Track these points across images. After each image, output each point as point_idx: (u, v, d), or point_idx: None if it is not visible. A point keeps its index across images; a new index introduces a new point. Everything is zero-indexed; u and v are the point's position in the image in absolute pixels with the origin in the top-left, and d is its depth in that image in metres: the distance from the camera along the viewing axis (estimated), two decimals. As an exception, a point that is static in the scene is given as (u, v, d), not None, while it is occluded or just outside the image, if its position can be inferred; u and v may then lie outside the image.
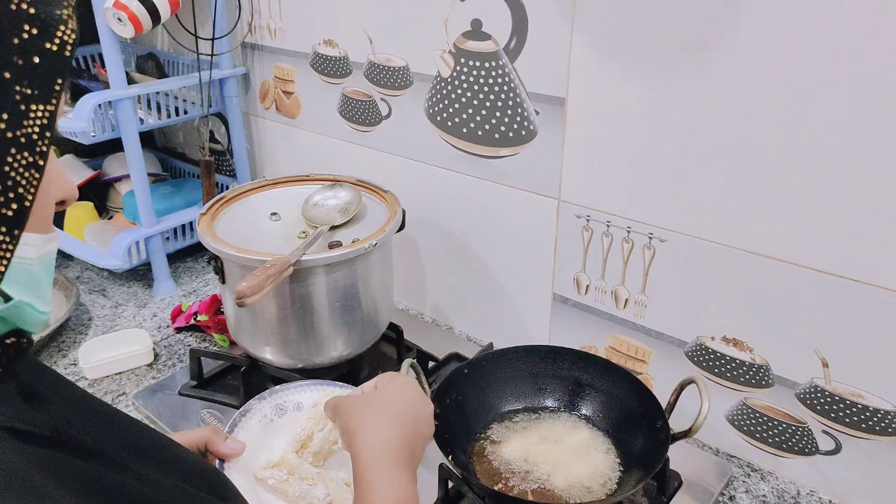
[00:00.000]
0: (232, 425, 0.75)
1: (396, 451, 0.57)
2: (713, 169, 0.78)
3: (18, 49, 0.33)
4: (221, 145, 1.50)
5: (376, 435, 0.58)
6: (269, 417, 0.79)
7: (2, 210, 0.34)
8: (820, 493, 0.83)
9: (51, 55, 0.34)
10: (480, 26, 0.93)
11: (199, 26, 1.26)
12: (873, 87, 0.65)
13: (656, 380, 0.93)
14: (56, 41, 0.34)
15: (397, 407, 0.61)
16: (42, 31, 0.33)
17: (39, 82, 0.34)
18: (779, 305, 0.78)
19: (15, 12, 0.32)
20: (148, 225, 1.24)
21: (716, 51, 0.74)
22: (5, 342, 0.39)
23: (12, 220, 0.34)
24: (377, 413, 0.60)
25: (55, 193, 0.40)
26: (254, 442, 0.73)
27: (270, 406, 0.80)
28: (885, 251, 0.69)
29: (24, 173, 0.34)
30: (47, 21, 0.33)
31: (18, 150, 0.33)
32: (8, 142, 0.33)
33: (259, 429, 0.77)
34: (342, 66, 1.15)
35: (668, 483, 0.81)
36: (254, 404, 0.80)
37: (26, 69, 0.33)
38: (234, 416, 0.77)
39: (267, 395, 0.81)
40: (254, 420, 0.77)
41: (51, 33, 0.34)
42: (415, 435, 0.60)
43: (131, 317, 1.22)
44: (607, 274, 0.93)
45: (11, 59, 0.32)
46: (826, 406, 0.79)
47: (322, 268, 0.87)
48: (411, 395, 0.64)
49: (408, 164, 1.11)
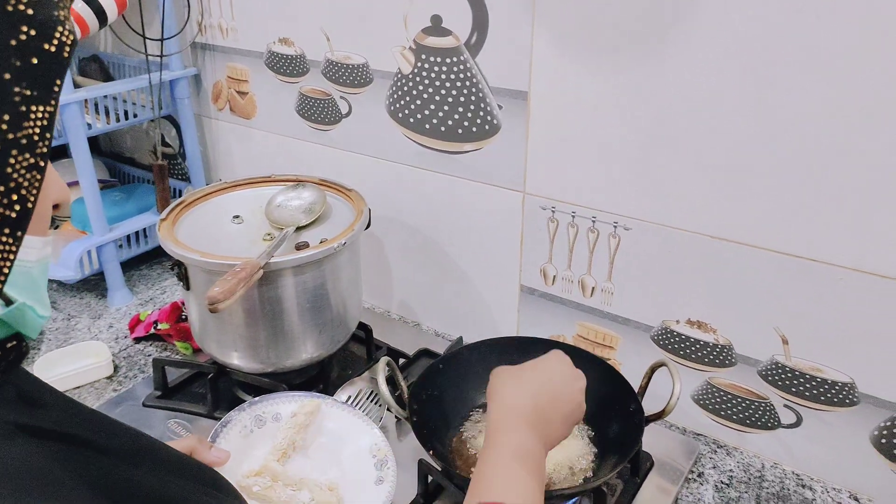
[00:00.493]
0: (213, 436, 0.75)
1: (523, 410, 0.60)
2: (675, 157, 0.81)
3: (17, 50, 0.32)
4: (172, 149, 1.46)
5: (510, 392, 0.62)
6: (249, 428, 0.80)
7: (5, 212, 0.34)
8: (783, 465, 0.87)
9: (49, 56, 0.34)
10: (441, 22, 0.93)
11: (147, 26, 1.22)
12: (829, 71, 0.68)
13: (624, 365, 0.95)
14: (55, 42, 0.34)
15: (539, 377, 0.65)
16: (40, 33, 0.33)
17: (38, 83, 0.33)
18: (740, 287, 0.81)
19: (13, 13, 0.32)
20: (100, 233, 1.19)
21: (674, 41, 0.76)
22: (6, 346, 0.38)
23: (15, 222, 0.34)
24: (518, 377, 0.65)
25: (52, 196, 0.40)
26: (235, 452, 0.73)
27: (250, 417, 0.81)
28: (840, 232, 0.73)
29: (25, 175, 0.34)
30: (45, 22, 0.33)
31: (20, 151, 0.33)
32: (9, 143, 0.33)
33: (239, 439, 0.78)
34: (299, 64, 1.13)
35: (640, 464, 0.83)
36: (234, 415, 0.80)
37: (25, 70, 0.33)
38: (216, 427, 0.77)
39: (246, 407, 0.82)
40: (234, 431, 0.78)
41: (49, 34, 0.33)
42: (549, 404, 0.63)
43: (86, 329, 1.18)
44: (574, 264, 0.94)
45: (10, 61, 0.32)
46: (787, 381, 0.82)
47: (291, 269, 0.85)
48: (560, 370, 0.67)
49: (370, 162, 1.11)
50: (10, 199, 0.34)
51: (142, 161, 1.58)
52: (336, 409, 0.85)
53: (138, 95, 1.25)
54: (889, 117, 0.67)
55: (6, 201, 0.33)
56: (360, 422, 0.83)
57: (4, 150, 0.33)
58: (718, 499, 0.82)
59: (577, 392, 0.66)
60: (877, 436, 0.78)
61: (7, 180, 0.33)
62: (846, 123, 0.69)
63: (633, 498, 0.80)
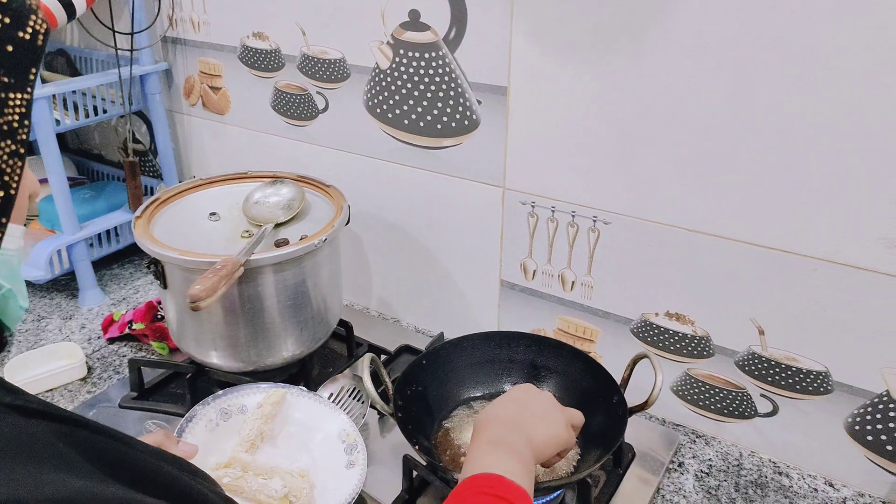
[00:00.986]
0: (179, 431, 0.75)
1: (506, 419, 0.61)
2: (653, 151, 0.81)
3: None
4: (143, 145, 1.43)
5: (490, 412, 0.63)
6: (215, 422, 0.80)
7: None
8: (760, 453, 0.88)
9: (24, 44, 0.34)
10: (419, 17, 0.92)
11: (116, 20, 1.19)
12: (802, 67, 0.70)
13: (604, 358, 0.96)
14: (28, 30, 0.34)
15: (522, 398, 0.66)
16: (14, 20, 0.33)
17: (14, 71, 0.34)
18: (717, 279, 0.83)
19: None
20: (70, 232, 1.17)
21: (652, 35, 0.77)
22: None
23: (0, 209, 0.35)
24: (498, 401, 0.66)
25: (28, 185, 0.39)
26: (202, 446, 0.73)
27: (215, 411, 0.81)
28: (813, 223, 0.75)
29: (8, 161, 0.34)
30: (19, 10, 0.33)
31: (2, 138, 0.34)
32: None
33: (206, 433, 0.78)
34: (274, 59, 1.12)
35: (623, 456, 0.84)
36: (199, 410, 0.80)
37: (1, 58, 0.33)
38: (181, 423, 0.77)
39: (211, 401, 0.82)
40: (200, 425, 0.79)
41: (23, 23, 0.34)
42: (529, 418, 0.63)
43: (57, 330, 1.15)
44: (553, 258, 0.95)
45: None
46: (763, 371, 0.84)
47: (271, 267, 0.85)
48: (541, 398, 0.67)
49: (348, 158, 1.10)
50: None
51: (110, 158, 1.55)
52: (302, 398, 0.85)
53: (108, 91, 1.23)
54: (860, 112, 0.68)
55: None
56: (326, 409, 0.84)
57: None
58: (699, 487, 0.83)
59: (559, 414, 0.66)
60: (850, 423, 0.80)
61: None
62: (818, 118, 0.70)
63: (616, 489, 0.81)
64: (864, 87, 0.67)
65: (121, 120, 1.41)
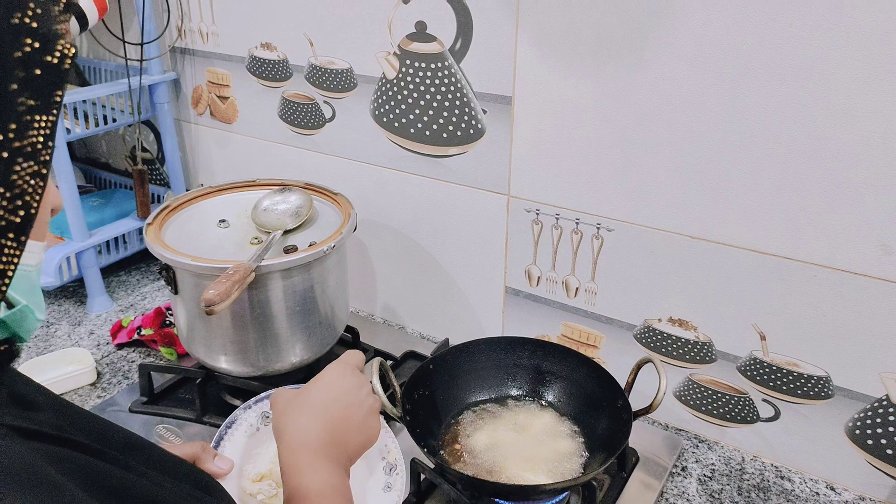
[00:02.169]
0: (218, 438, 0.75)
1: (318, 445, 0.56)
2: (656, 159, 0.83)
3: (21, 62, 0.34)
4: (150, 154, 1.45)
5: (294, 428, 0.58)
6: (255, 426, 0.79)
7: (10, 217, 0.35)
8: (763, 457, 0.90)
9: (51, 68, 0.35)
10: (425, 28, 0.94)
11: (126, 31, 1.21)
12: (800, 77, 0.71)
13: (608, 364, 0.97)
14: (56, 54, 0.35)
15: (322, 398, 0.61)
16: (43, 45, 0.34)
17: (41, 94, 0.35)
18: (720, 285, 0.84)
19: (17, 26, 0.33)
20: (79, 239, 1.18)
21: (654, 46, 0.78)
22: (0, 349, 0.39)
23: (20, 227, 0.35)
24: (299, 406, 0.60)
25: (50, 201, 0.41)
26: (240, 452, 0.73)
27: (256, 415, 0.80)
28: (814, 230, 0.76)
29: (29, 181, 0.35)
30: (48, 35, 0.35)
31: (25, 159, 0.35)
32: (15, 151, 0.34)
33: (245, 439, 0.77)
34: (281, 69, 1.14)
35: (627, 459, 0.85)
36: (239, 414, 0.80)
37: (29, 81, 0.34)
38: (220, 429, 0.76)
39: (252, 404, 0.81)
40: (240, 431, 0.78)
41: (51, 47, 0.35)
42: (343, 424, 0.59)
43: (66, 336, 1.16)
44: (557, 265, 0.96)
45: (15, 72, 0.34)
46: (765, 376, 0.85)
47: (280, 273, 0.86)
48: (339, 383, 0.62)
49: (354, 166, 1.11)
50: (15, 204, 0.35)
51: (117, 166, 1.56)
52: None
53: (117, 100, 1.25)
54: (857, 121, 0.70)
55: (11, 207, 0.35)
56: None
57: (11, 158, 0.34)
58: (702, 491, 0.84)
59: (365, 398, 0.63)
60: (851, 427, 0.81)
61: (12, 187, 0.35)
62: (817, 127, 0.72)
63: (620, 493, 0.82)
64: (861, 97, 0.69)
65: (129, 129, 1.43)
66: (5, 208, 0.34)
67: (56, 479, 0.33)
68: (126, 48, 1.19)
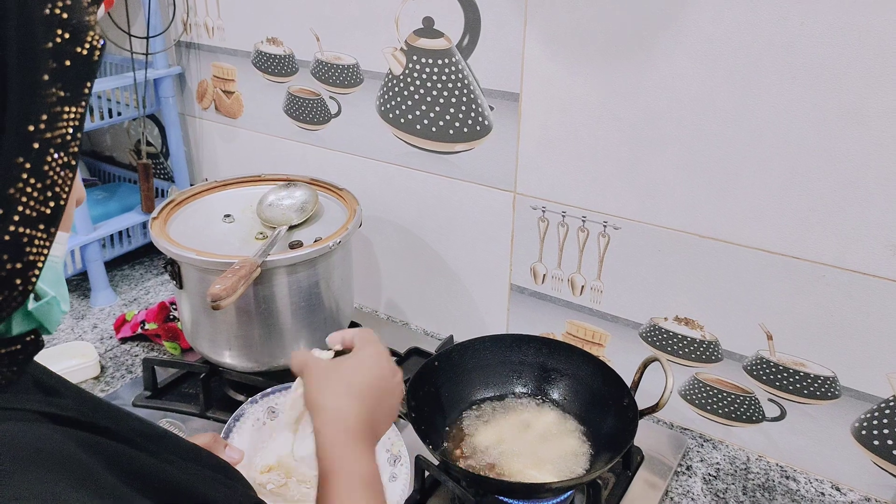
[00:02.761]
0: (226, 431, 0.76)
1: (356, 427, 0.55)
2: (664, 157, 0.83)
3: (52, 53, 0.34)
4: (155, 147, 1.45)
5: (335, 409, 0.56)
6: (262, 420, 0.80)
7: (41, 208, 0.35)
8: (768, 457, 0.89)
9: (81, 59, 0.35)
10: (433, 24, 0.94)
11: (132, 24, 1.21)
12: (811, 75, 0.71)
13: (613, 362, 0.97)
14: (86, 46, 0.35)
15: (360, 379, 0.59)
16: (74, 36, 0.35)
17: (71, 85, 0.35)
18: (726, 284, 0.84)
19: (49, 17, 0.34)
20: (84, 232, 1.18)
21: (663, 43, 0.78)
22: (26, 340, 0.39)
23: (50, 218, 0.36)
24: (337, 384, 0.58)
25: (76, 194, 0.41)
26: (248, 445, 0.73)
27: (262, 409, 0.81)
28: (823, 230, 0.76)
29: (60, 172, 0.35)
30: (78, 26, 0.35)
31: (56, 150, 0.35)
32: (46, 142, 0.34)
33: (252, 432, 0.78)
34: (287, 64, 1.13)
35: (632, 458, 0.85)
36: (246, 408, 0.80)
37: (59, 72, 0.34)
38: (228, 422, 0.77)
39: (259, 399, 0.82)
40: (247, 424, 0.78)
41: (81, 38, 0.35)
42: (377, 409, 0.58)
43: (69, 329, 1.16)
44: (564, 262, 0.96)
45: (47, 63, 0.34)
46: (771, 376, 0.85)
47: (285, 268, 0.86)
48: (377, 367, 0.61)
49: (360, 162, 1.11)
50: (45, 195, 0.35)
51: (121, 160, 1.56)
52: None
53: (122, 94, 1.24)
54: (867, 120, 0.69)
55: (42, 198, 0.35)
56: None
57: (42, 149, 0.34)
58: (707, 490, 0.84)
59: (397, 385, 0.63)
60: (857, 427, 0.81)
61: (44, 177, 0.35)
62: (827, 126, 0.72)
63: (625, 491, 0.82)
64: (872, 96, 0.68)
65: (133, 122, 1.43)
66: (37, 199, 0.35)
67: (88, 462, 0.34)
68: (132, 42, 1.19)
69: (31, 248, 0.35)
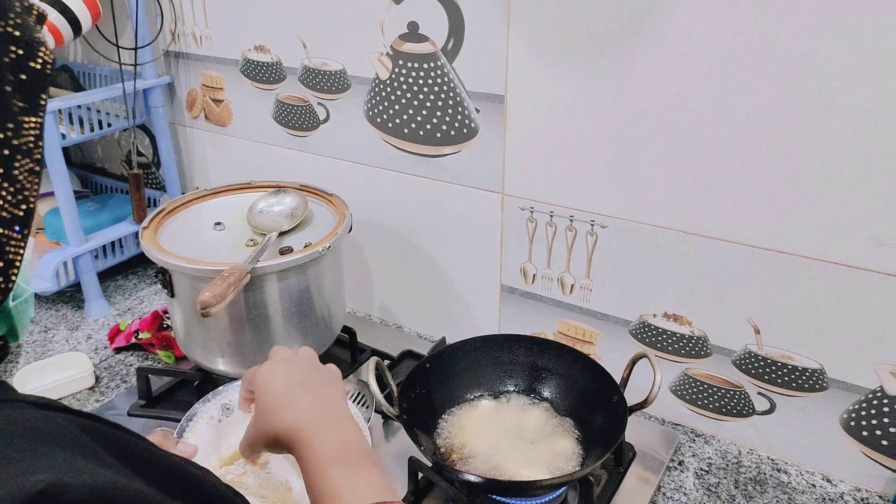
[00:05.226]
0: (179, 431, 0.75)
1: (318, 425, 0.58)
2: (648, 155, 0.84)
3: (10, 67, 0.37)
4: (146, 157, 1.45)
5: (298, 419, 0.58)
6: (217, 418, 0.79)
7: (15, 211, 0.38)
8: (759, 450, 0.90)
9: (35, 73, 0.38)
10: (417, 28, 0.95)
11: (119, 35, 1.22)
12: (789, 72, 0.72)
13: (604, 360, 0.98)
14: (39, 60, 0.38)
15: (310, 378, 0.63)
16: (27, 52, 0.38)
17: (28, 97, 0.38)
18: (713, 280, 0.85)
19: (3, 35, 0.36)
20: (76, 244, 1.18)
21: (644, 43, 0.79)
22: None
23: (23, 220, 0.38)
24: (299, 392, 0.61)
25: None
26: (205, 445, 0.73)
27: (216, 407, 0.80)
28: (806, 223, 0.76)
29: (28, 177, 0.38)
30: (30, 42, 0.38)
31: (23, 156, 0.37)
32: (14, 149, 0.37)
33: (207, 431, 0.77)
34: (275, 71, 1.14)
35: (624, 454, 0.86)
36: (199, 407, 0.80)
37: (18, 85, 0.37)
38: (181, 422, 0.76)
39: (211, 397, 0.81)
40: (201, 423, 0.77)
41: (34, 53, 0.38)
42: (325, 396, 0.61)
43: (63, 340, 1.16)
44: (553, 262, 0.97)
45: (6, 76, 0.36)
46: (760, 369, 0.86)
47: (275, 274, 0.86)
48: (315, 365, 0.66)
49: (349, 167, 1.12)
50: (17, 199, 0.38)
51: (113, 171, 1.57)
52: None
53: (112, 105, 1.25)
54: (846, 113, 0.70)
55: (14, 201, 0.38)
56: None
57: (11, 155, 0.37)
58: (699, 485, 0.85)
59: (333, 370, 0.66)
60: (846, 419, 0.82)
61: (15, 182, 0.37)
62: (806, 120, 0.73)
63: (617, 487, 0.82)
64: (849, 90, 0.69)
65: (124, 133, 1.43)
66: (10, 202, 0.37)
67: (88, 443, 0.35)
68: (120, 53, 1.20)
69: (9, 247, 0.38)
